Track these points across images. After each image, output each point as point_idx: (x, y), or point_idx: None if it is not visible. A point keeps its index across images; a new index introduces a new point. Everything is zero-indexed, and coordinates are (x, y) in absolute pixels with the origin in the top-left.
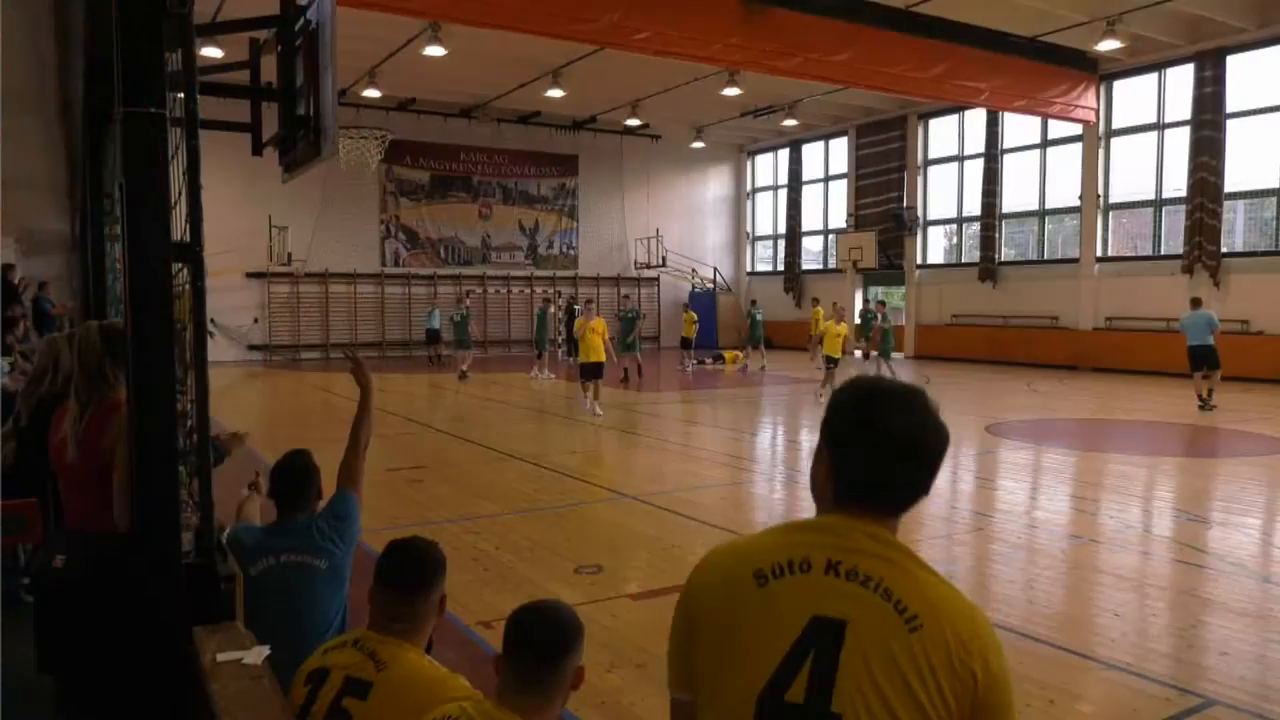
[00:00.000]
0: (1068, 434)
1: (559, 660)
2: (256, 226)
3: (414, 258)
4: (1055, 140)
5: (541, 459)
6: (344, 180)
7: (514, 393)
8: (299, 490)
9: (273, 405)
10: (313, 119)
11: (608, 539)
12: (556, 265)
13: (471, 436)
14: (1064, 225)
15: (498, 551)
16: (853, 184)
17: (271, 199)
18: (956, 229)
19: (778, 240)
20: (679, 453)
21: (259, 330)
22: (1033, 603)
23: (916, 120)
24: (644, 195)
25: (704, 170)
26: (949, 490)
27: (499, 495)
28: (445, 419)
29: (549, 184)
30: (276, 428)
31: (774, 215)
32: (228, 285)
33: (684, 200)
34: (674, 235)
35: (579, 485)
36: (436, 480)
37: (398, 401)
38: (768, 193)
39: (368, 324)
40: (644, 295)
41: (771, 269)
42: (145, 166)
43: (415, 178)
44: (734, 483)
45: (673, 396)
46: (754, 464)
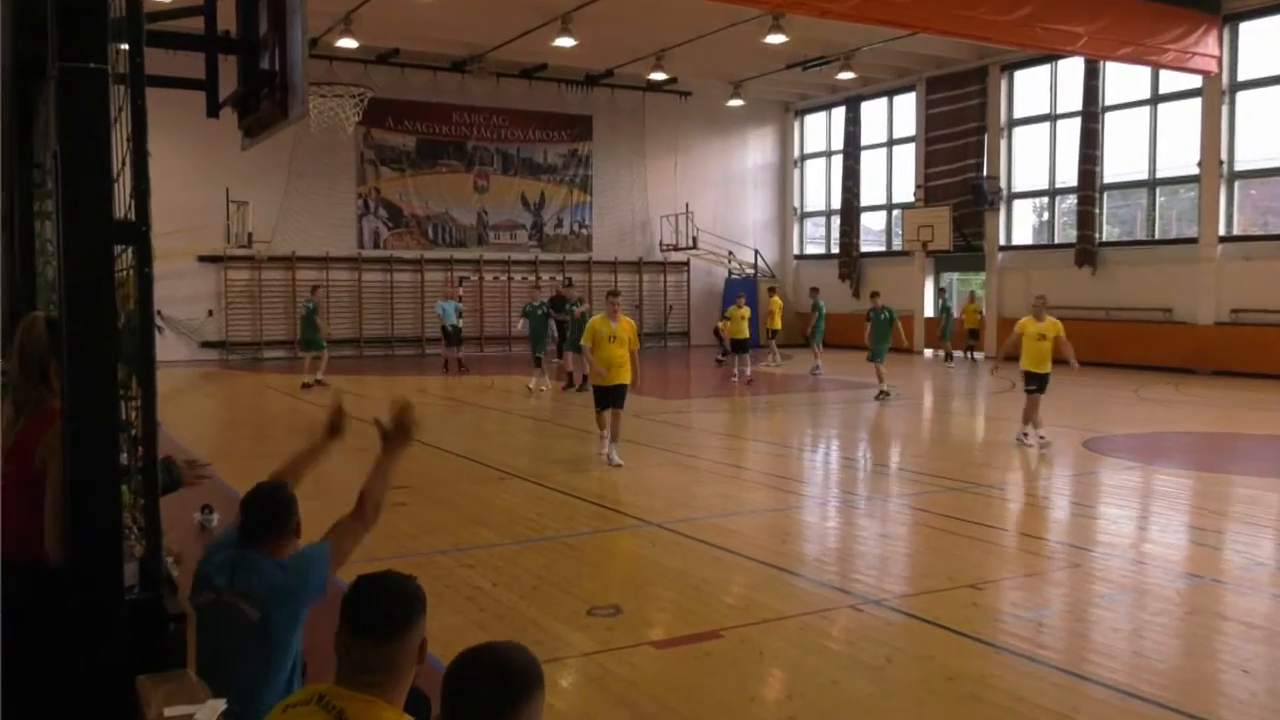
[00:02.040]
0: (1183, 451)
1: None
2: (212, 202)
3: (397, 238)
4: (1168, 95)
5: (547, 478)
6: (315, 147)
7: (514, 400)
8: (264, 525)
9: (230, 413)
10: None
11: (627, 575)
12: (566, 247)
13: (464, 451)
14: (1179, 198)
15: (495, 589)
16: (921, 149)
17: (229, 169)
18: (1047, 203)
19: (831, 217)
20: (713, 472)
21: (214, 324)
22: (1141, 655)
23: (999, 72)
24: (671, 164)
25: (743, 134)
26: (1040, 520)
27: (497, 521)
28: (434, 430)
29: (557, 150)
30: (235, 440)
31: (826, 187)
32: (177, 271)
33: (719, 170)
34: (707, 212)
35: (592, 510)
36: (422, 503)
37: (378, 410)
38: (819, 160)
39: (342, 316)
40: (671, 283)
41: (824, 251)
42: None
43: (399, 143)
44: (779, 508)
45: (705, 405)
46: (803, 485)
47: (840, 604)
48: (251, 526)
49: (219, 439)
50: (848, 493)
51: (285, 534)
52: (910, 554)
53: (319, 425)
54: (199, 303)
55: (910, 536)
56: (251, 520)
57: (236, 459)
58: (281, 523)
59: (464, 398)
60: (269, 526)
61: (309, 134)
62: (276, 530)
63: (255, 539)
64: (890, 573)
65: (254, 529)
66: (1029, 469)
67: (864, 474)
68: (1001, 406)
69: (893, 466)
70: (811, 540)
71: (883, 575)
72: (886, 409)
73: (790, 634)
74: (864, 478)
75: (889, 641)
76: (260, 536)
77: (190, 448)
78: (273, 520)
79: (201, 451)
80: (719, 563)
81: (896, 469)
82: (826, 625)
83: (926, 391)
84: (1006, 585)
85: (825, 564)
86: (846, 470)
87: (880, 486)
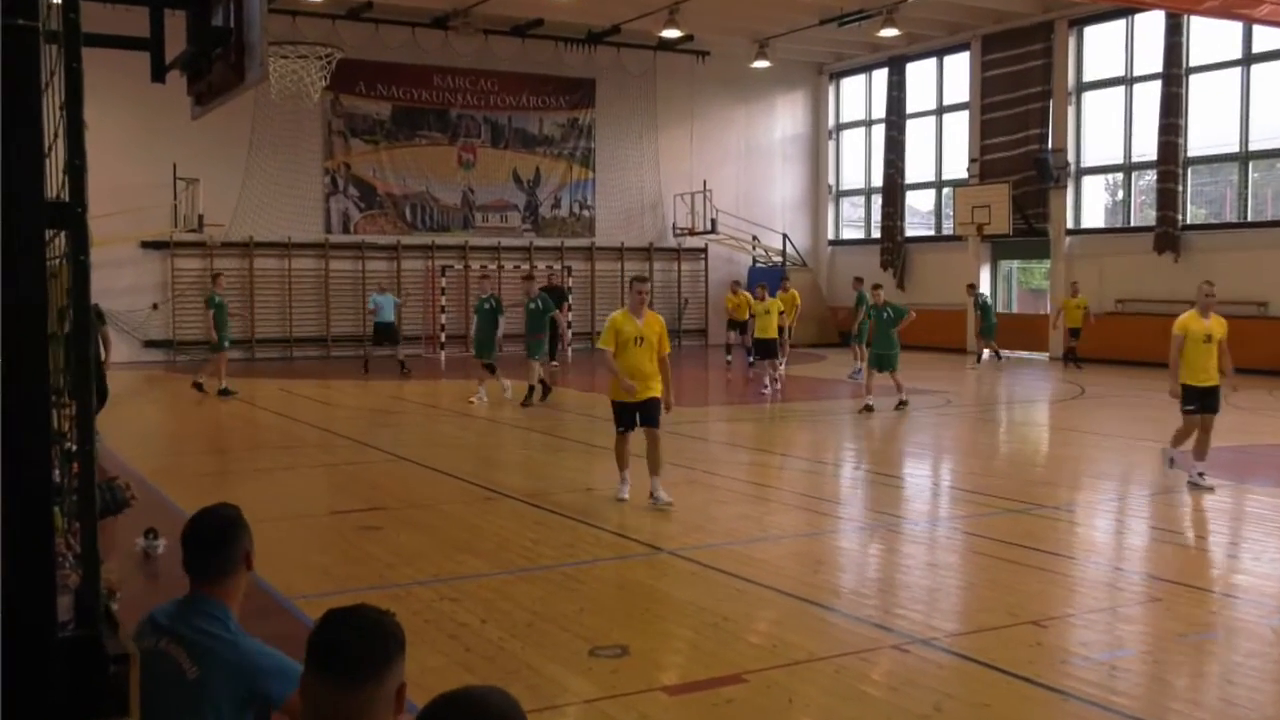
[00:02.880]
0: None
1: (224, 548)
2: (157, 179)
3: (370, 221)
4: (1263, 55)
5: (544, 497)
6: (276, 116)
7: (504, 408)
8: (203, 558)
9: (179, 424)
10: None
11: (636, 609)
12: (565, 231)
13: (447, 467)
14: (1275, 173)
15: (484, 626)
16: (976, 118)
17: (178, 142)
18: (1122, 180)
19: (871, 196)
20: (734, 491)
21: (159, 320)
22: (1231, 703)
23: (1066, 28)
24: (686, 135)
25: (769, 100)
26: (1112, 546)
27: (486, 548)
28: (411, 443)
29: (555, 119)
30: (182, 454)
31: (866, 162)
32: (117, 259)
33: (741, 142)
34: (728, 190)
35: (596, 534)
36: (400, 526)
37: (346, 418)
38: (857, 130)
39: (307, 311)
40: (686, 273)
41: (863, 235)
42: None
43: (372, 111)
44: (811, 532)
45: (725, 413)
46: (838, 506)
47: (882, 643)
48: (189, 560)
49: (165, 454)
50: (890, 515)
51: (229, 568)
52: (963, 586)
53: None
54: (142, 295)
55: (963, 565)
56: (188, 553)
57: (186, 477)
58: (221, 554)
59: (441, 404)
60: (208, 559)
61: (269, 101)
62: (218, 562)
63: (198, 576)
64: (940, 607)
65: (192, 563)
66: (1100, 488)
67: (909, 493)
68: (1068, 415)
69: (943, 485)
70: (848, 570)
71: (931, 610)
72: (935, 419)
73: (824, 678)
74: (909, 498)
75: (938, 687)
76: (201, 573)
77: (132, 464)
78: (211, 551)
79: (146, 468)
80: (741, 595)
81: (947, 487)
82: (866, 668)
83: (981, 398)
84: (1075, 622)
85: (864, 597)
86: (888, 489)
87: (928, 508)
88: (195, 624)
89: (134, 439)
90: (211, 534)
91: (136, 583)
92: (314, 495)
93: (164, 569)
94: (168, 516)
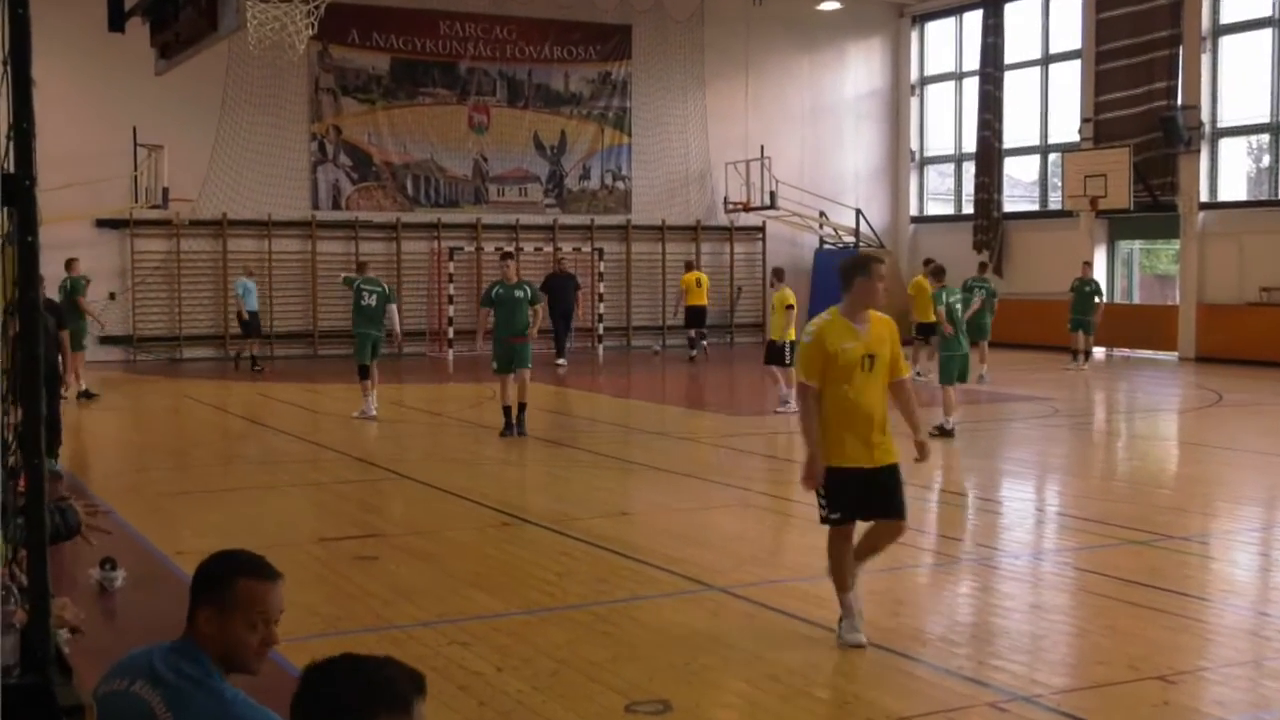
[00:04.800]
0: None
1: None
2: (114, 146)
3: (364, 195)
4: None
5: (570, 523)
6: (253, 71)
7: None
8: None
9: (137, 434)
10: None
11: (680, 657)
12: (595, 207)
13: (454, 486)
14: None
15: (500, 675)
16: (1090, 69)
17: (139, 103)
18: (1269, 143)
19: (962, 164)
20: (798, 515)
21: (117, 312)
22: None
23: None
24: (739, 92)
25: (839, 49)
26: (1255, 586)
27: (500, 583)
28: (413, 457)
29: (584, 73)
30: (143, 470)
31: (956, 123)
32: (68, 239)
33: (806, 100)
34: (790, 158)
35: (632, 568)
36: (400, 557)
37: (335, 428)
38: (945, 85)
39: (290, 301)
40: (740, 256)
41: (953, 211)
42: None
43: (367, 65)
44: (889, 567)
45: (785, 423)
46: (922, 536)
47: (976, 700)
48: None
49: (123, 470)
50: (986, 546)
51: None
52: (1074, 632)
53: None
54: (97, 283)
55: (1074, 608)
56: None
57: (147, 497)
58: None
59: (448, 412)
60: (196, 590)
61: (246, 53)
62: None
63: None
64: (1046, 658)
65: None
66: (1240, 516)
67: (1008, 520)
68: (1201, 427)
69: (1049, 510)
70: (936, 612)
71: (1035, 661)
72: (1040, 431)
73: None
74: (1008, 526)
75: None
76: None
77: (86, 482)
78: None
79: (102, 487)
80: (807, 642)
81: (1054, 514)
82: None
83: (1093, 406)
84: (1209, 677)
85: (954, 646)
86: (984, 515)
87: (1031, 538)
88: (177, 667)
89: (87, 452)
90: (205, 567)
91: (90, 621)
92: (298, 519)
93: (123, 606)
94: (128, 544)
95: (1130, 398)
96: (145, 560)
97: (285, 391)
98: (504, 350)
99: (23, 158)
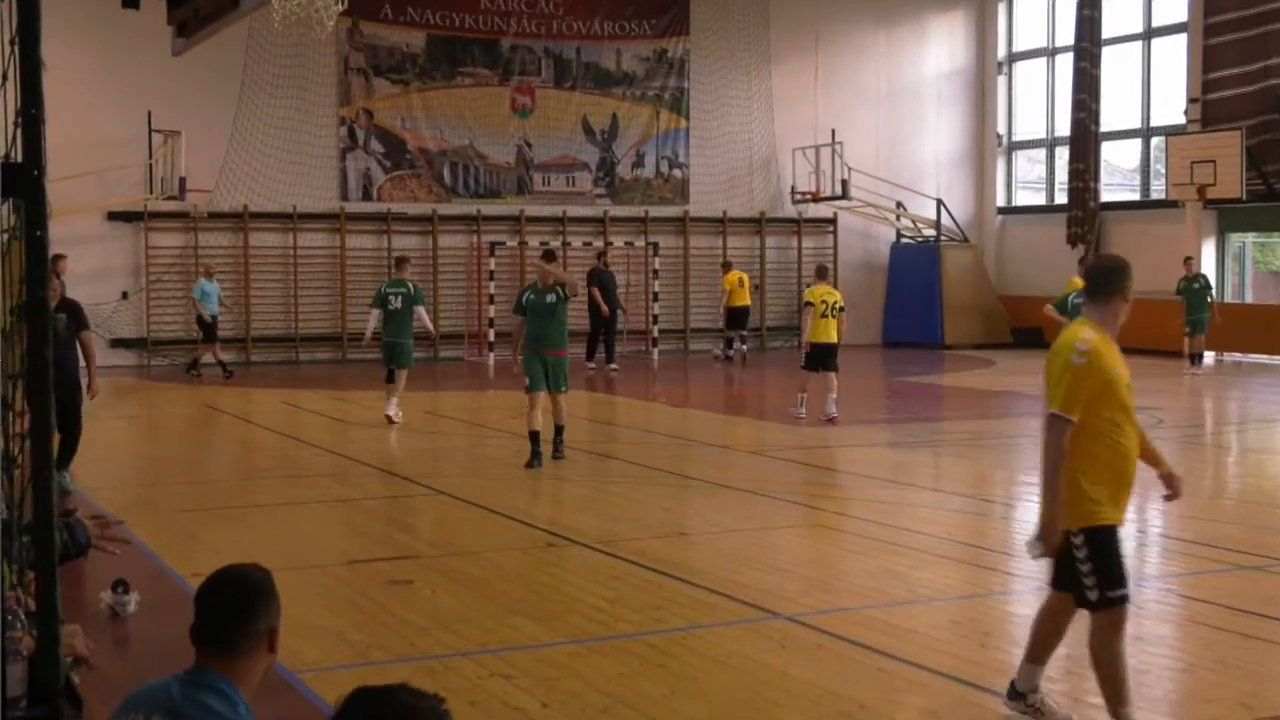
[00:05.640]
0: None
1: (245, 618)
2: (128, 133)
3: (398, 184)
4: None
5: (622, 544)
6: (278, 50)
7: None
8: (226, 625)
9: (153, 446)
10: None
11: (742, 692)
12: (650, 197)
13: (497, 503)
14: None
15: (546, 711)
16: (1198, 43)
17: (154, 86)
18: None
19: (1054, 149)
20: (871, 537)
21: (130, 312)
22: None
23: None
24: (808, 71)
25: (919, 23)
26: None
27: (547, 610)
28: (451, 471)
29: (637, 51)
30: (159, 485)
31: (1048, 104)
32: (79, 234)
33: (882, 79)
34: (864, 143)
35: (690, 594)
36: (436, 580)
37: (367, 440)
38: (1037, 63)
39: (317, 301)
40: (808, 251)
41: (1044, 202)
42: None
43: (400, 42)
44: (975, 593)
45: (859, 434)
46: (1010, 559)
47: None
48: (200, 627)
49: (137, 484)
50: None
51: (247, 644)
52: (1179, 667)
53: None
54: (109, 281)
55: (1179, 640)
56: (201, 618)
57: (163, 514)
58: (241, 625)
59: (489, 422)
60: (224, 628)
61: (270, 31)
62: (235, 635)
63: (208, 647)
64: (1148, 695)
65: (203, 631)
66: None
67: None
68: None
69: (1151, 531)
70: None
71: (1135, 699)
72: None
73: None
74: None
75: None
76: (212, 644)
77: (96, 497)
78: (229, 619)
79: (113, 502)
80: (883, 677)
81: (1157, 535)
82: None
83: (1203, 416)
84: None
85: (1048, 681)
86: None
87: (1131, 562)
88: (199, 699)
89: (98, 464)
90: (233, 599)
91: (101, 650)
92: (326, 539)
93: (136, 633)
94: (142, 565)
95: (1243, 407)
96: (160, 583)
97: (312, 400)
98: (537, 364)
99: (31, 146)
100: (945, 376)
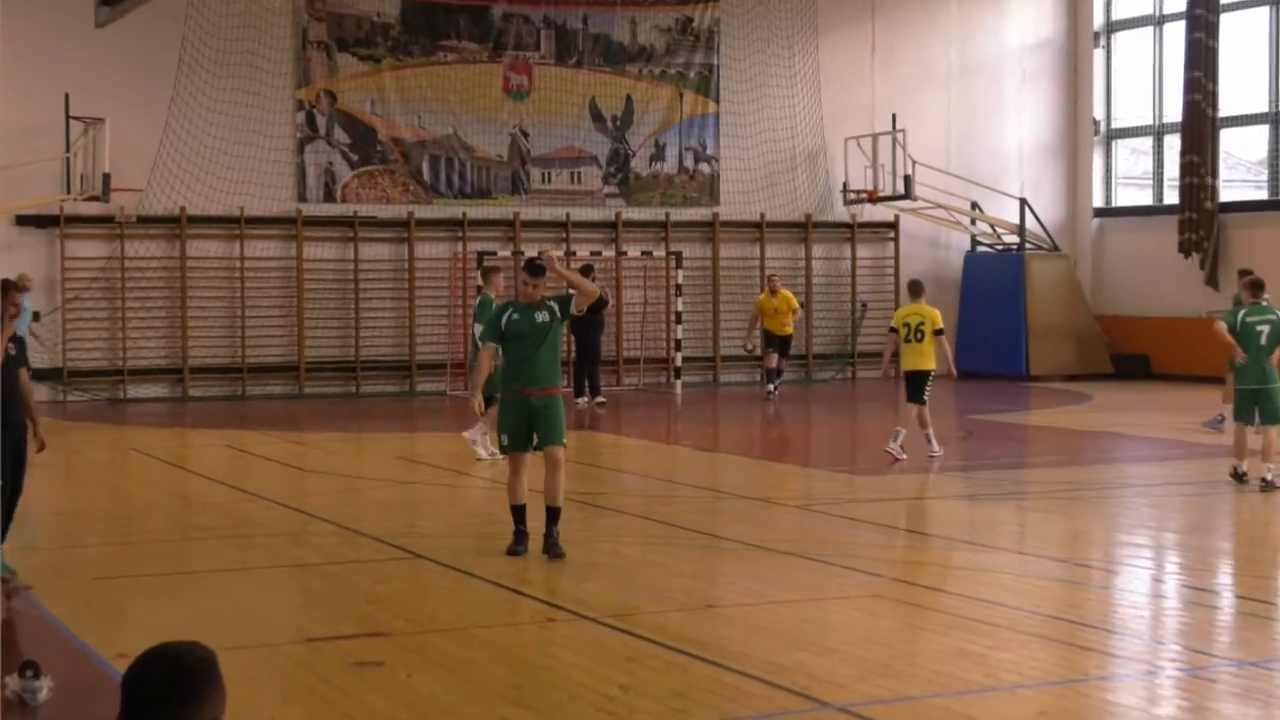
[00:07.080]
0: None
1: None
2: (40, 120)
3: (367, 182)
4: None
5: (637, 619)
6: (221, 21)
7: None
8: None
9: (69, 499)
10: None
11: None
12: (672, 196)
13: (484, 569)
14: None
15: None
16: None
17: (74, 65)
18: None
19: (1163, 138)
20: (944, 610)
21: (46, 336)
22: None
23: None
24: (863, 45)
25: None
26: None
27: (547, 699)
28: (430, 530)
29: (656, 20)
30: (76, 547)
31: (1155, 84)
32: None
33: (953, 54)
34: (931, 132)
35: (720, 679)
36: (412, 662)
37: (327, 491)
38: (1141, 33)
39: (271, 323)
40: (865, 262)
41: (1150, 202)
42: None
43: (370, 10)
44: (1069, 678)
45: (928, 484)
46: (1112, 637)
47: None
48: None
49: (50, 546)
50: (1201, 652)
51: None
52: None
53: None
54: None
55: None
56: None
57: (80, 583)
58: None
59: (476, 470)
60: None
61: (210, 3)
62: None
63: None
64: None
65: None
66: None
67: (1225, 619)
68: None
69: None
70: None
71: None
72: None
73: None
74: (1225, 626)
75: None
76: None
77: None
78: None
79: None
80: None
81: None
82: None
83: None
84: None
85: None
86: (1194, 611)
87: (1257, 643)
88: None
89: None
90: (167, 686)
91: None
92: (280, 612)
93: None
94: (53, 643)
95: None
96: (78, 665)
97: (262, 443)
98: (516, 412)
99: None
100: (1031, 414)
